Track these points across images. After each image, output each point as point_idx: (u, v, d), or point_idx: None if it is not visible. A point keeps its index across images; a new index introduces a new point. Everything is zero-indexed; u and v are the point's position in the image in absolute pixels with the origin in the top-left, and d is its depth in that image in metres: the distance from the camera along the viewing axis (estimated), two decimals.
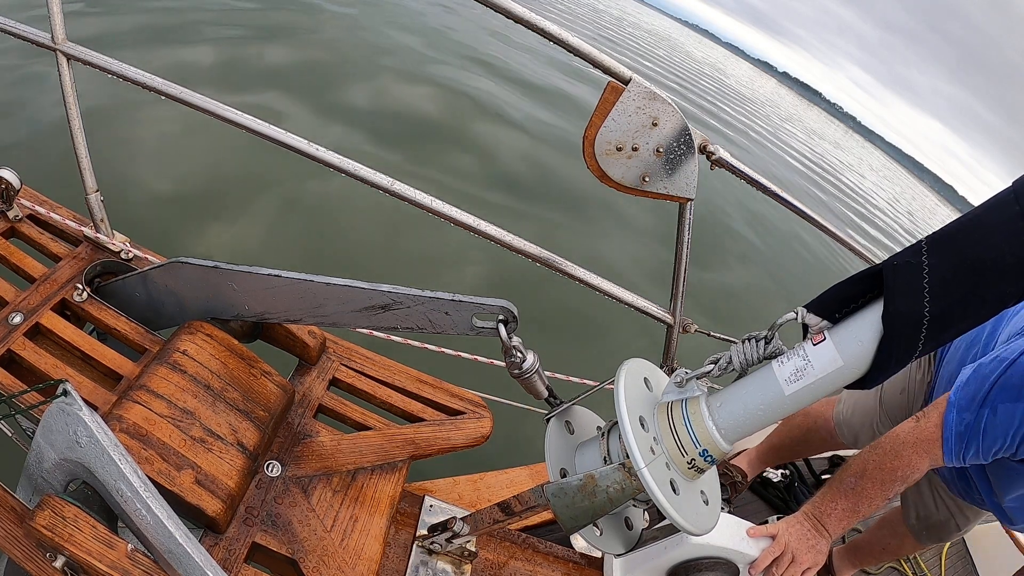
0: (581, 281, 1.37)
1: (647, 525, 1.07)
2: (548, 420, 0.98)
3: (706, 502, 0.85)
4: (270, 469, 1.05)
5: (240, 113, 1.16)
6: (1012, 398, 1.11)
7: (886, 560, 1.95)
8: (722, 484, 1.59)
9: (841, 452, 2.66)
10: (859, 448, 1.83)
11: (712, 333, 1.64)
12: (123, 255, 1.27)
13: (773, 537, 1.25)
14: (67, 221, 1.29)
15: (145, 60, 4.81)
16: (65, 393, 0.75)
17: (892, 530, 1.87)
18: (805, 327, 0.75)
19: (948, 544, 2.44)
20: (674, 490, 0.78)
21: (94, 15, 5.35)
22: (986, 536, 2.51)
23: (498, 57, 9.36)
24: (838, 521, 1.28)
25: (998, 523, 2.48)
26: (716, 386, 0.92)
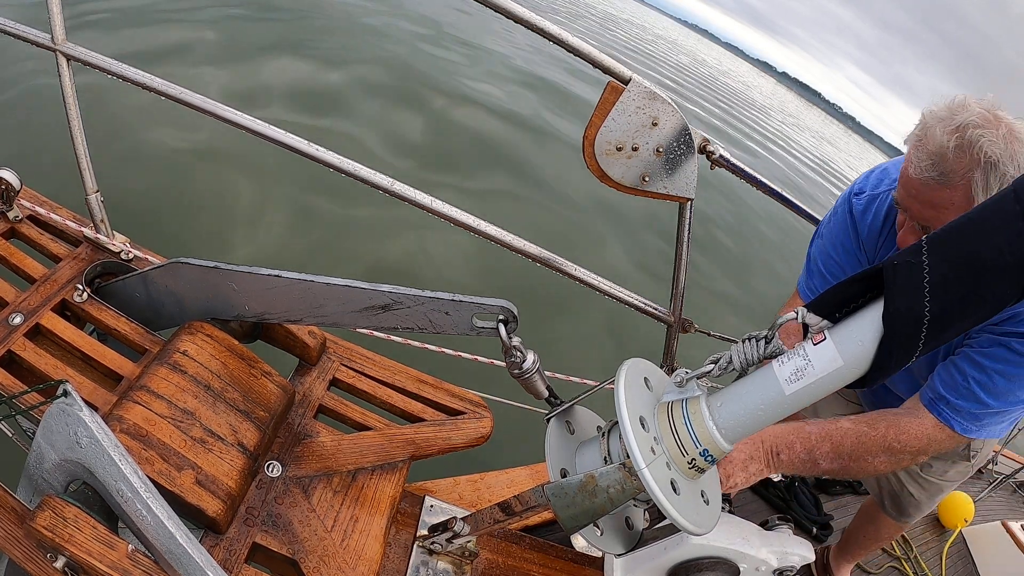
0: (581, 281, 1.37)
1: (647, 525, 1.07)
2: (548, 420, 0.98)
3: (707, 502, 0.85)
4: (270, 469, 1.05)
5: (240, 113, 1.16)
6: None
7: (874, 548, 1.95)
8: None
9: None
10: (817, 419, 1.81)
11: (712, 333, 1.64)
12: (123, 255, 1.27)
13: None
14: (67, 222, 1.29)
15: None
16: (65, 394, 0.75)
17: (868, 514, 1.87)
18: (805, 327, 0.75)
19: (948, 544, 2.44)
20: (675, 490, 0.78)
21: None
22: (986, 536, 2.51)
23: None
24: (789, 463, 1.14)
25: (998, 522, 2.49)
26: (717, 385, 0.92)
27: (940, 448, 1.15)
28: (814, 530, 2.20)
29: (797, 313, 0.75)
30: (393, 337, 1.39)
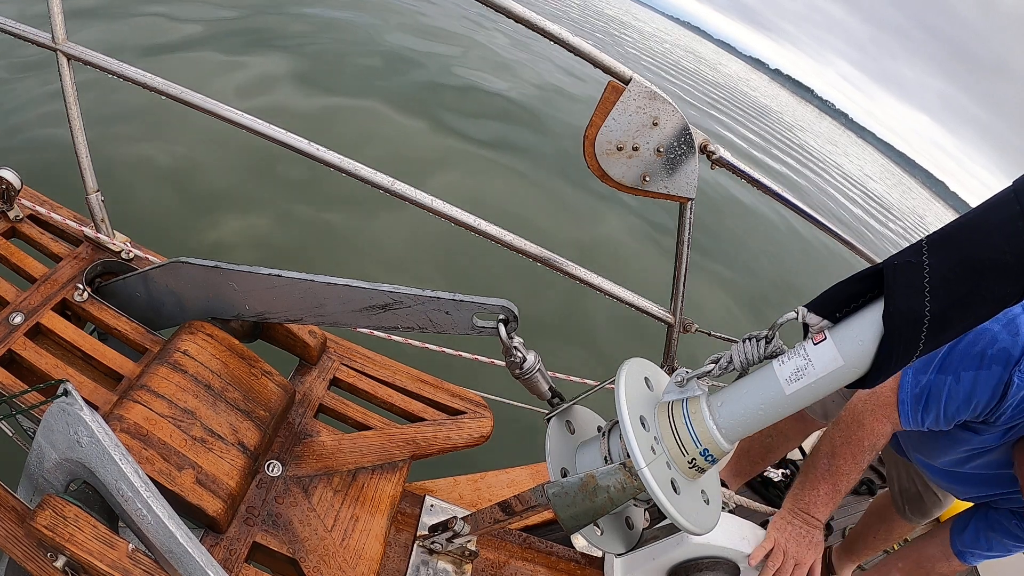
0: (581, 281, 1.36)
1: (648, 525, 1.07)
2: (549, 420, 0.98)
3: (707, 501, 0.86)
4: (271, 469, 1.05)
5: (240, 113, 1.16)
6: (975, 366, 1.14)
7: (881, 549, 1.95)
8: None
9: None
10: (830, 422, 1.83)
11: (712, 333, 1.63)
12: (124, 255, 1.27)
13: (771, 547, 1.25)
14: (68, 221, 1.29)
15: None
16: (66, 393, 0.75)
17: (880, 515, 1.87)
18: (806, 326, 0.75)
19: None
20: (675, 490, 0.78)
21: None
22: None
23: None
24: (824, 506, 1.30)
25: None
26: (718, 384, 0.92)
27: None
28: None
29: (797, 313, 0.75)
30: (393, 337, 1.39)
